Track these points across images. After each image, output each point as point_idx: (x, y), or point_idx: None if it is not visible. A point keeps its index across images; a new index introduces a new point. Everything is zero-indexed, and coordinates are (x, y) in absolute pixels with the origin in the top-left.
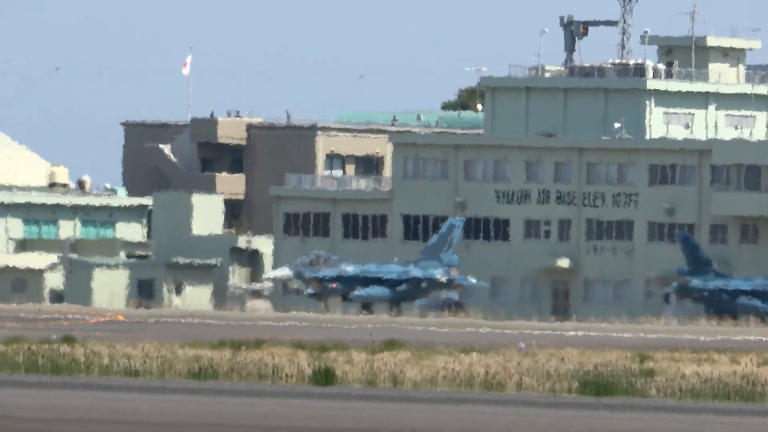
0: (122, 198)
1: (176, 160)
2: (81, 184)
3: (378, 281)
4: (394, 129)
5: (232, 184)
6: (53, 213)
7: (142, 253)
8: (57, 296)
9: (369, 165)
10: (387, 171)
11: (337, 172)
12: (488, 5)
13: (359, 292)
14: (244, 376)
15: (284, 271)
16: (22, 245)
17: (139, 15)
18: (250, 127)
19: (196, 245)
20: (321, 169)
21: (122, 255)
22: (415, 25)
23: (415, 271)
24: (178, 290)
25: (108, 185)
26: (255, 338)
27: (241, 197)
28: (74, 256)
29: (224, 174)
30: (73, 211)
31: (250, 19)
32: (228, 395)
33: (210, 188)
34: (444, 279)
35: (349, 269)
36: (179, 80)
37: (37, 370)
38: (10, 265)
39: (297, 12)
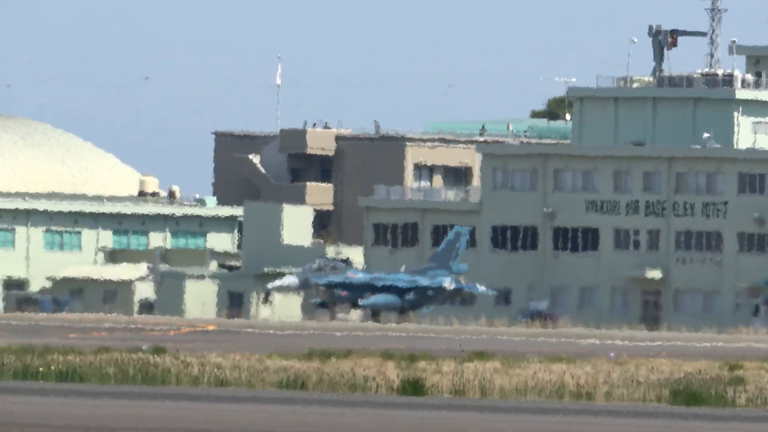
0: (212, 208)
1: (265, 171)
2: (171, 194)
3: (385, 289)
4: (482, 139)
5: (321, 194)
6: (143, 223)
7: (233, 264)
8: (147, 307)
9: (458, 175)
10: (476, 181)
11: (426, 183)
12: (577, 15)
13: (367, 300)
14: (332, 386)
15: (290, 279)
16: (113, 256)
17: (228, 25)
18: (338, 138)
19: (286, 255)
20: (410, 180)
21: (212, 265)
22: (504, 34)
23: (423, 280)
24: (268, 300)
25: (198, 195)
26: (344, 348)
27: (330, 208)
28: (164, 266)
29: (313, 184)
30: (164, 222)
31: (338, 30)
32: (317, 405)
33: (299, 199)
34: (452, 287)
35: (357, 276)
36: (269, 90)
37: (127, 380)
38: (101, 276)
39: (385, 22)
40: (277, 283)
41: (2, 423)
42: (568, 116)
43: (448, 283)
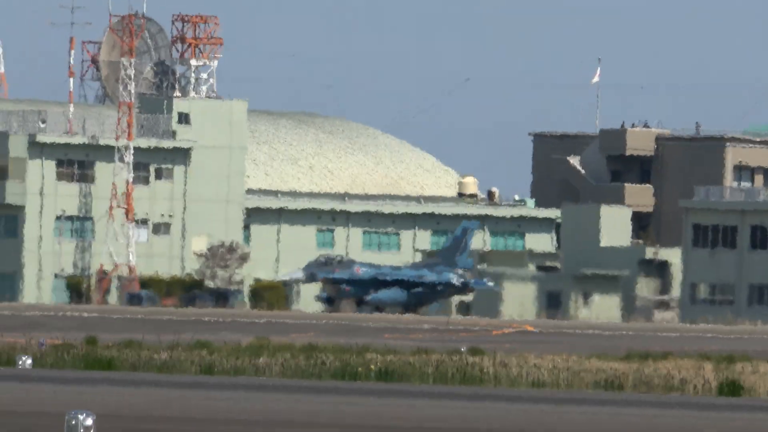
0: (531, 209)
1: (585, 172)
2: (490, 195)
3: (390, 284)
4: None
5: (639, 195)
6: None
7: (551, 265)
8: (465, 307)
9: None
10: None
11: (746, 184)
12: None
13: (375, 295)
14: (650, 387)
15: (297, 274)
16: (430, 256)
17: (548, 27)
18: (658, 139)
19: (604, 256)
20: (729, 181)
21: (531, 266)
22: None
23: (429, 275)
24: (587, 301)
25: (517, 197)
26: (662, 349)
27: (649, 209)
28: (483, 267)
29: (632, 185)
30: (482, 222)
31: (659, 32)
32: (634, 407)
33: (618, 200)
34: (459, 283)
35: (362, 271)
36: (588, 92)
37: (445, 381)
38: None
39: (710, 26)
40: (284, 277)
41: (318, 423)
42: None
43: (455, 279)
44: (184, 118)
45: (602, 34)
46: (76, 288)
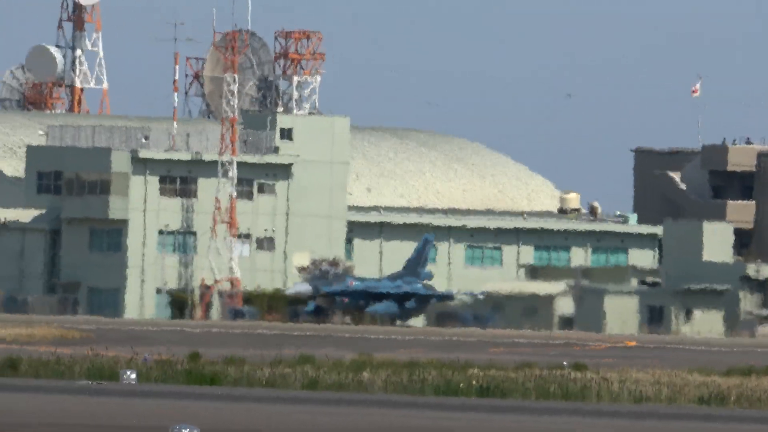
0: (633, 225)
1: (686, 188)
2: (592, 211)
3: (380, 296)
4: None
5: (742, 212)
6: (565, 239)
7: (653, 280)
8: (567, 322)
9: None
10: None
11: None
12: None
13: (373, 307)
14: (752, 402)
15: (304, 287)
16: (533, 272)
17: (651, 43)
18: (760, 155)
19: (706, 272)
20: None
21: (633, 282)
22: None
23: (407, 287)
24: (688, 317)
25: (619, 212)
26: (765, 365)
27: (751, 226)
28: (585, 282)
29: (734, 202)
30: (585, 238)
31: (761, 46)
32: (736, 422)
33: (720, 216)
34: (454, 293)
35: (356, 284)
36: (690, 107)
37: (547, 396)
38: (521, 291)
39: None
40: (293, 290)
41: None
42: None
43: (456, 291)
44: (286, 134)
45: (704, 48)
46: (178, 303)
